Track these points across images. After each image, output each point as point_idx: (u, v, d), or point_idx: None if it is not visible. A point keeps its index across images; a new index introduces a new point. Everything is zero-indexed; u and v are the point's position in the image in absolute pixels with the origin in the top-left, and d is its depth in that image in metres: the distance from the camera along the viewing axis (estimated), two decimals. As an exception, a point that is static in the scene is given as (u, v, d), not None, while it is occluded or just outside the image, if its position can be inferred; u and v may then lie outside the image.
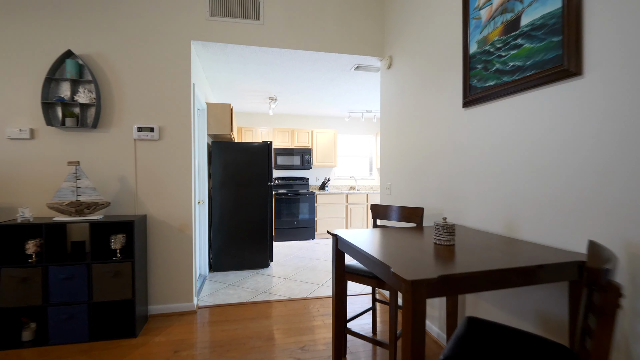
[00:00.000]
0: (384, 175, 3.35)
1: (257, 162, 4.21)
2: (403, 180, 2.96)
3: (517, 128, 1.72)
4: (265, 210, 4.23)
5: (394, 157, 3.14)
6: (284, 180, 6.44)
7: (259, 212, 4.21)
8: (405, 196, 2.93)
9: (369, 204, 6.33)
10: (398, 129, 3.05)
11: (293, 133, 6.29)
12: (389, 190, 3.24)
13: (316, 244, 5.65)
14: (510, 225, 1.77)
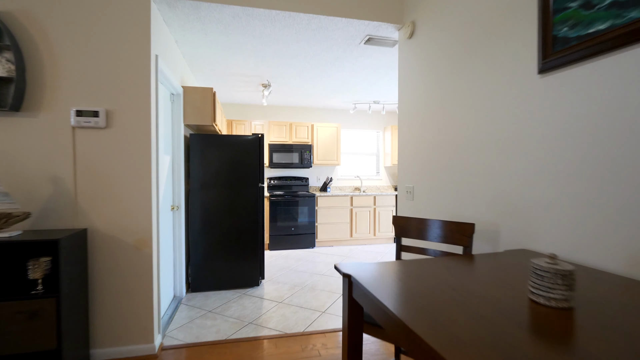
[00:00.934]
0: (403, 176, 2.64)
1: (246, 158, 3.50)
2: (431, 183, 2.24)
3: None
4: (256, 216, 3.52)
5: (417, 151, 2.43)
6: (280, 181, 5.73)
7: (248, 219, 3.50)
8: (434, 204, 2.21)
9: (376, 207, 5.62)
10: (423, 115, 2.33)
11: (291, 127, 5.58)
12: (410, 194, 2.52)
13: (317, 254, 4.94)
14: (637, 258, 1.06)
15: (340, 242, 5.55)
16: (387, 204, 5.67)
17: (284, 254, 4.93)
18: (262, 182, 3.60)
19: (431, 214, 2.24)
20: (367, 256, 4.84)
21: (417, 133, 2.43)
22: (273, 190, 5.68)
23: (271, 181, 5.69)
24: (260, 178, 3.58)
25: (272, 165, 5.42)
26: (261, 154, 3.57)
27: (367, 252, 5.11)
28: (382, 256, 4.83)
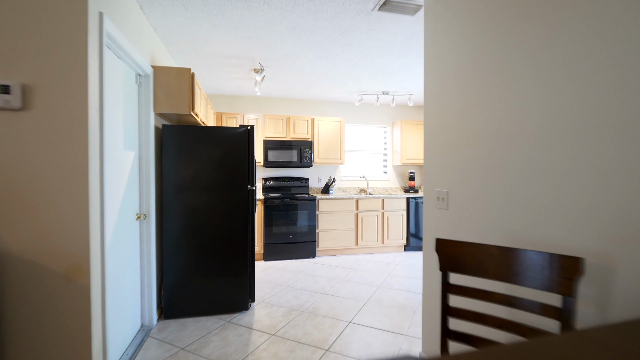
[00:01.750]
0: (431, 177, 2.02)
1: (233, 155, 2.89)
2: (476, 186, 1.62)
3: None
4: (244, 224, 2.91)
5: (452, 145, 1.81)
6: (276, 182, 5.11)
7: (235, 228, 2.89)
8: (480, 216, 1.59)
9: (384, 211, 5.00)
10: (462, 98, 1.71)
11: (288, 121, 4.96)
12: (442, 202, 1.90)
13: (318, 266, 4.32)
14: None
15: (344, 251, 4.93)
16: (397, 207, 5.05)
17: (281, 266, 4.31)
18: (252, 183, 2.98)
19: (478, 231, 1.62)
20: (375, 267, 4.22)
21: (452, 121, 1.82)
22: (268, 193, 5.06)
23: (266, 182, 5.07)
24: (251, 179, 2.96)
25: (268, 164, 4.80)
26: (251, 150, 2.95)
27: (376, 262, 4.49)
28: (393, 268, 4.21)
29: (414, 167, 5.86)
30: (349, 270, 4.13)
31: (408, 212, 5.09)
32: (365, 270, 4.16)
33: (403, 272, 4.07)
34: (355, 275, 3.93)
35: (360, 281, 3.72)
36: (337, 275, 3.95)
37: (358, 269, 4.22)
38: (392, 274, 3.97)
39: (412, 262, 4.48)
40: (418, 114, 5.86)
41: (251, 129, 2.94)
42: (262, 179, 5.12)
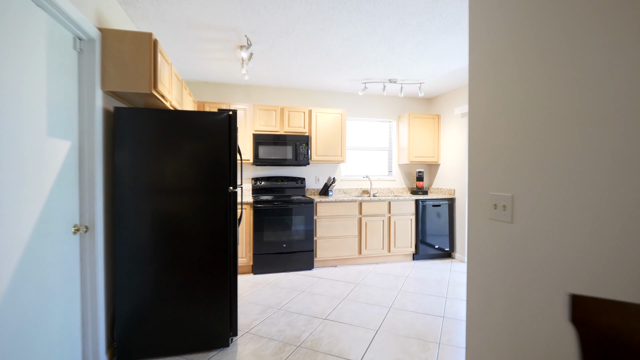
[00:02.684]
0: (480, 177, 1.41)
1: (210, 149, 2.26)
2: (570, 190, 1.01)
3: None
4: (224, 235, 2.28)
5: (520, 130, 1.20)
6: (268, 182, 4.48)
7: (212, 241, 2.26)
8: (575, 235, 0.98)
9: (391, 215, 4.40)
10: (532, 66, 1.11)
11: (282, 113, 4.33)
12: (504, 212, 1.29)
13: (316, 280, 3.70)
14: None
15: (346, 261, 4.31)
16: (405, 211, 4.45)
17: (273, 280, 3.68)
18: (235, 184, 2.35)
19: (572, 260, 1.01)
20: (382, 282, 3.61)
21: (521, 96, 1.21)
22: (259, 195, 4.43)
23: (256, 182, 4.44)
24: (233, 178, 2.33)
25: (258, 161, 4.17)
26: (233, 142, 2.33)
27: (382, 275, 3.88)
28: (404, 282, 3.61)
29: (423, 166, 5.27)
30: (352, 286, 3.52)
31: (417, 217, 4.50)
32: (372, 285, 3.55)
33: (415, 287, 3.46)
34: (360, 293, 3.32)
35: (367, 300, 3.11)
36: (339, 292, 3.33)
37: (363, 283, 3.60)
38: (404, 290, 3.37)
39: (424, 275, 3.88)
40: (427, 106, 5.27)
41: (233, 115, 2.32)
42: (251, 179, 4.49)
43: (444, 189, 4.84)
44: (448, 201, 4.61)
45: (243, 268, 3.95)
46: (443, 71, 3.82)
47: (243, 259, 3.88)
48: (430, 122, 4.89)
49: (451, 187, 4.70)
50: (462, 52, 3.19)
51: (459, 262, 4.43)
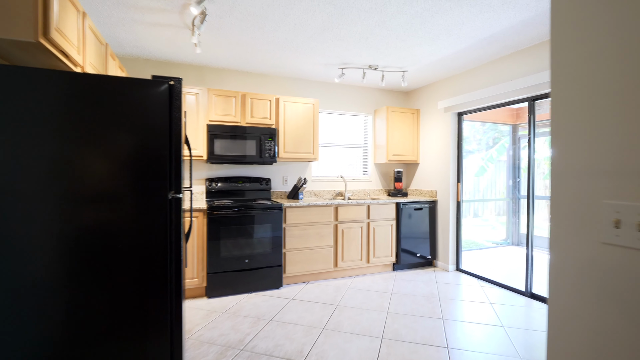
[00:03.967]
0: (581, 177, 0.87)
1: (138, 137, 1.53)
2: None
3: None
4: (163, 256, 1.56)
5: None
6: (226, 183, 3.73)
7: (142, 267, 1.53)
8: None
9: (370, 221, 3.88)
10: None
11: (244, 101, 3.61)
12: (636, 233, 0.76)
13: (286, 302, 3.04)
14: None
15: (320, 276, 3.70)
16: (385, 216, 3.95)
17: (233, 306, 2.96)
18: (178, 187, 1.63)
19: None
20: (365, 301, 3.05)
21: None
22: (214, 199, 3.66)
23: (211, 184, 3.67)
24: (175, 179, 1.62)
25: (214, 158, 3.41)
26: (175, 128, 1.61)
27: (364, 292, 3.32)
28: (390, 300, 3.08)
29: (401, 166, 4.83)
30: (331, 308, 2.92)
31: (398, 222, 4.02)
32: (354, 306, 2.97)
33: (404, 306, 2.95)
34: (342, 318, 2.72)
35: (353, 329, 2.53)
36: (317, 319, 2.71)
37: (343, 304, 3.02)
38: (392, 312, 2.83)
39: (410, 289, 3.39)
40: (405, 100, 4.84)
41: (175, 87, 1.60)
42: (205, 179, 3.71)
43: (424, 190, 4.42)
44: (429, 204, 4.20)
45: (193, 291, 3.17)
46: (431, 58, 3.36)
47: (194, 279, 3.11)
48: (410, 117, 4.46)
49: (432, 189, 4.29)
50: (460, 31, 2.73)
51: (442, 271, 4.02)
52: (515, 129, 5.95)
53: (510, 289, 3.37)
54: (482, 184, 6.04)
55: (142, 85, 1.52)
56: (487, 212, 6.24)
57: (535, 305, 2.98)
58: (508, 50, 3.15)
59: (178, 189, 1.62)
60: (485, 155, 6.03)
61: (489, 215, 6.24)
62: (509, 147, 6.00)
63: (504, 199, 5.98)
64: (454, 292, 3.31)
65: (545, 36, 2.83)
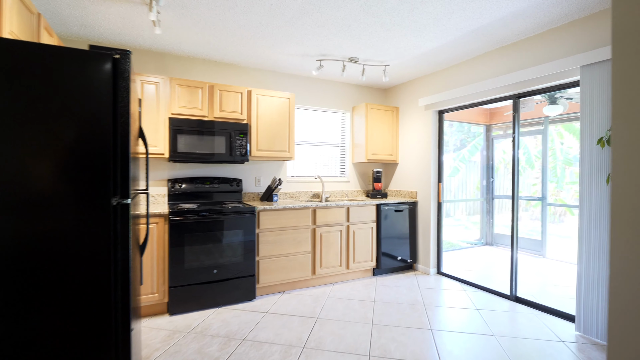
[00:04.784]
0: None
1: (71, 126, 1.17)
2: None
3: None
4: (105, 276, 1.21)
5: None
6: (192, 184, 3.35)
7: (76, 296, 1.17)
8: None
9: (349, 224, 3.64)
10: None
11: (212, 92, 3.25)
12: None
13: (260, 316, 2.73)
14: None
15: (297, 285, 3.42)
16: (365, 218, 3.74)
17: (199, 324, 2.60)
18: (125, 190, 1.29)
19: None
20: (347, 312, 2.81)
21: None
22: (178, 202, 3.27)
23: (174, 185, 3.27)
24: (122, 181, 1.27)
25: (177, 156, 3.02)
26: (122, 116, 1.27)
27: (345, 301, 3.08)
28: (373, 310, 2.86)
29: (380, 165, 4.65)
30: (311, 322, 2.64)
31: (378, 224, 3.82)
32: (335, 318, 2.72)
33: (390, 316, 2.74)
34: (324, 334, 2.46)
35: (337, 347, 2.27)
36: (296, 336, 2.42)
37: (324, 317, 2.75)
38: (378, 324, 2.61)
39: (393, 296, 3.20)
40: (383, 97, 4.66)
41: (121, 61, 1.26)
42: (167, 180, 3.30)
43: (403, 191, 4.27)
44: (409, 205, 4.04)
45: (153, 308, 2.77)
46: (414, 51, 3.18)
47: (153, 295, 2.72)
48: (389, 115, 4.28)
49: (412, 189, 4.14)
50: (449, 21, 2.56)
51: (423, 275, 3.87)
52: (489, 129, 5.99)
53: (494, 292, 3.27)
54: (454, 184, 6.02)
55: (74, 58, 1.17)
56: (459, 212, 6.24)
57: (521, 310, 2.88)
58: (493, 46, 3.04)
59: (125, 192, 1.28)
60: (457, 155, 6.01)
61: (460, 215, 6.24)
62: (482, 147, 6.03)
63: (480, 199, 5.99)
64: (439, 298, 3.16)
65: (532, 31, 2.73)
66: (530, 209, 5.95)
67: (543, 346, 2.28)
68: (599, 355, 2.17)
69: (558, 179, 5.69)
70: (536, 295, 3.23)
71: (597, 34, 2.39)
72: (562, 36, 2.60)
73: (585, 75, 2.40)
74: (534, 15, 2.45)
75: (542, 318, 2.72)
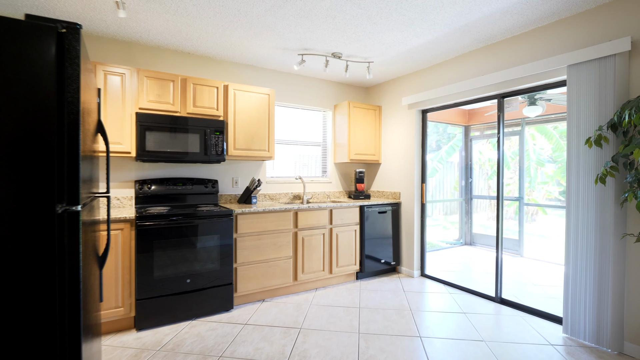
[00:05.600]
0: None
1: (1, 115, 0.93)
2: None
3: None
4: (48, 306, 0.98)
5: None
6: (162, 186, 3.08)
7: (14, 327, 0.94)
8: None
9: (332, 226, 3.49)
10: None
11: (184, 86, 2.99)
12: None
13: (239, 329, 2.52)
14: None
15: (278, 292, 3.22)
16: (349, 220, 3.61)
17: (170, 339, 2.35)
18: (74, 196, 1.07)
19: None
20: (332, 320, 2.65)
21: None
22: (147, 206, 3.00)
23: (143, 187, 2.99)
24: (70, 184, 1.05)
25: (145, 155, 2.75)
26: (70, 104, 1.04)
27: (329, 309, 2.92)
28: (358, 317, 2.72)
29: (362, 166, 4.53)
30: (294, 333, 2.46)
31: (362, 226, 3.70)
32: (320, 328, 2.56)
33: (377, 324, 2.61)
34: (308, 346, 2.29)
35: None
36: (278, 350, 2.24)
37: (307, 327, 2.58)
38: (365, 333, 2.47)
39: (378, 301, 3.08)
40: (365, 96, 4.55)
41: (68, 36, 1.04)
42: (134, 181, 3.01)
43: (386, 192, 4.17)
44: (393, 206, 3.95)
45: (118, 323, 2.50)
46: (399, 48, 3.08)
47: (118, 309, 2.44)
48: (372, 114, 4.18)
49: (395, 190, 4.05)
50: (437, 16, 2.46)
51: (407, 278, 3.79)
52: (468, 130, 6.04)
53: (479, 294, 3.22)
54: (432, 185, 6.02)
55: (5, 31, 0.94)
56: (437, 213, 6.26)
57: (508, 312, 2.84)
58: (479, 44, 2.99)
59: (74, 198, 1.05)
60: (435, 156, 6.02)
61: (438, 215, 6.26)
62: (460, 147, 6.07)
63: (459, 199, 6.03)
64: (425, 302, 3.06)
65: (519, 29, 2.69)
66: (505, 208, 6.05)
67: (534, 351, 2.22)
68: (588, 358, 2.13)
69: (531, 179, 5.82)
70: (518, 295, 3.22)
71: (584, 33, 2.37)
72: (549, 35, 2.58)
73: (572, 75, 2.37)
74: (522, 12, 2.40)
75: (528, 320, 2.68)
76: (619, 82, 2.16)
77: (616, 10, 2.22)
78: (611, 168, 2.06)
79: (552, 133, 5.48)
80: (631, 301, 2.17)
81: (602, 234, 2.24)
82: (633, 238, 2.15)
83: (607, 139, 2.13)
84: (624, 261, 2.19)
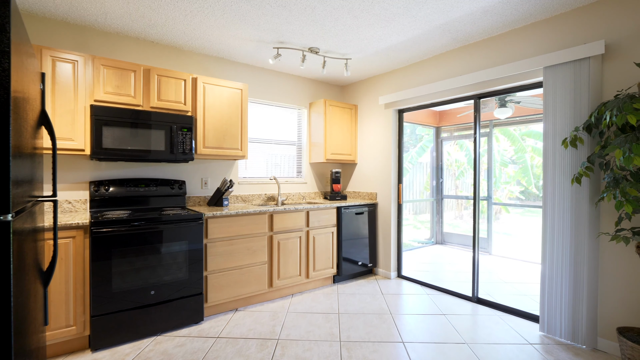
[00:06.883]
0: None
1: None
2: None
3: None
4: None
5: None
6: (122, 188, 2.78)
7: None
8: None
9: (309, 229, 3.35)
10: None
11: (148, 77, 2.72)
12: None
13: (210, 343, 2.31)
14: None
15: (252, 300, 3.03)
16: (326, 222, 3.48)
17: (131, 359, 2.10)
18: (4, 204, 0.84)
19: None
20: (311, 329, 2.51)
21: None
22: (104, 210, 2.69)
23: (99, 189, 2.68)
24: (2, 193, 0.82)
25: (102, 153, 2.45)
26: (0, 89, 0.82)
27: (307, 316, 2.78)
28: (338, 324, 2.60)
29: (338, 166, 4.43)
30: (271, 345, 2.29)
31: (339, 228, 3.59)
32: (299, 337, 2.41)
33: (358, 330, 2.50)
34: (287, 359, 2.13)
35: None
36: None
37: (285, 337, 2.42)
38: (347, 341, 2.35)
39: (357, 306, 2.98)
40: (340, 94, 4.45)
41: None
42: (89, 182, 2.69)
43: (362, 192, 4.10)
44: (369, 207, 3.88)
45: (69, 344, 2.20)
46: (378, 45, 3.00)
47: (69, 328, 2.14)
48: (348, 112, 4.09)
49: (372, 191, 3.99)
50: (419, 12, 2.40)
51: (384, 280, 3.73)
52: (439, 131, 6.14)
53: (456, 294, 3.23)
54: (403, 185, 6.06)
55: None
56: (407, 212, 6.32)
57: (485, 312, 2.85)
58: (458, 43, 2.98)
59: (4, 204, 0.83)
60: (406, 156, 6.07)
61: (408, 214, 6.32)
62: (431, 148, 6.16)
63: (431, 199, 6.11)
64: (404, 305, 3.01)
65: (497, 30, 2.70)
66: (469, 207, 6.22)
67: (515, 351, 2.21)
68: (566, 356, 2.16)
69: (496, 179, 6.03)
70: (491, 293, 3.26)
71: (560, 36, 2.41)
72: (526, 37, 2.61)
73: (548, 77, 2.40)
74: (502, 12, 2.40)
75: (506, 320, 2.70)
76: (593, 84, 2.21)
77: (591, 14, 2.27)
78: (586, 168, 2.10)
79: (515, 135, 5.69)
80: (604, 299, 2.23)
81: (577, 233, 2.28)
82: (607, 237, 2.21)
83: (582, 140, 2.16)
84: (597, 259, 2.25)
